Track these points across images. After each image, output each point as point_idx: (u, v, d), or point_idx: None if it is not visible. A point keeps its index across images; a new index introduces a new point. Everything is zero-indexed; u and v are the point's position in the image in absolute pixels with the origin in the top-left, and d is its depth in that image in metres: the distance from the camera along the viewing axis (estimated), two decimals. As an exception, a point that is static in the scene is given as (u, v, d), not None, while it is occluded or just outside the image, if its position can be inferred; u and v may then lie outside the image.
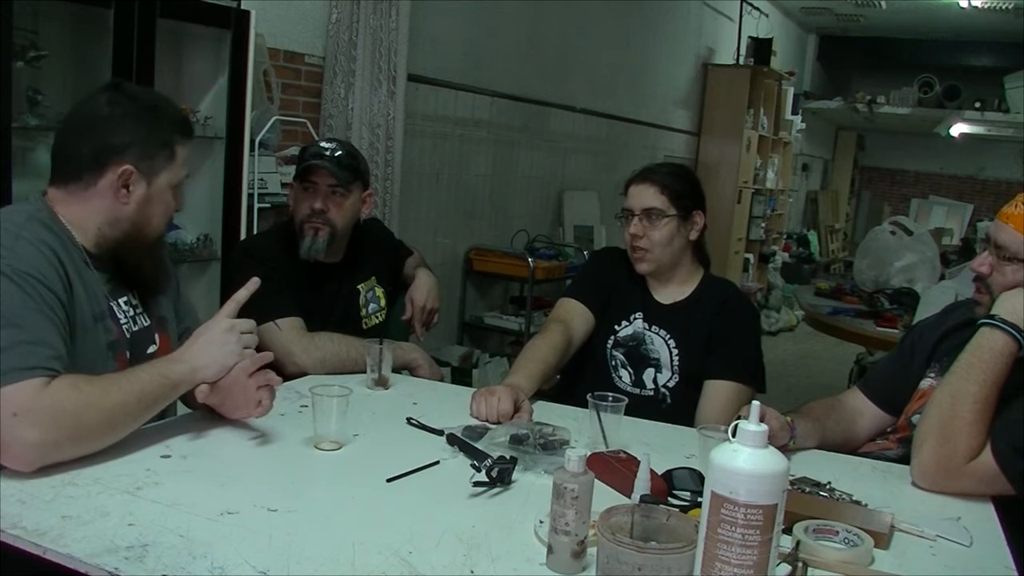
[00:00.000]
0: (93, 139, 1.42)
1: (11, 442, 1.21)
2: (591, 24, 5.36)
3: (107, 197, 1.43)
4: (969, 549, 1.25)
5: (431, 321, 2.25)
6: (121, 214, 1.45)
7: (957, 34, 9.16)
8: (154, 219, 1.49)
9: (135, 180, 1.44)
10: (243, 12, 2.64)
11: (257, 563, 1.04)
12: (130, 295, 1.54)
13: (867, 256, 4.67)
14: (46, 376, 1.24)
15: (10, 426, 1.20)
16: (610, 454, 1.45)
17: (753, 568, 0.97)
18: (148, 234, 1.50)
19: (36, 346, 1.25)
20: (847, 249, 11.37)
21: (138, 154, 1.43)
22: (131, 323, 1.51)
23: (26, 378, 1.22)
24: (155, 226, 1.51)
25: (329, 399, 1.45)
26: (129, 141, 1.42)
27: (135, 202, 1.45)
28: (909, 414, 1.68)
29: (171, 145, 1.47)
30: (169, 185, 1.49)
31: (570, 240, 5.12)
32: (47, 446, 1.23)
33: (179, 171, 1.50)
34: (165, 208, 1.51)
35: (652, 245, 1.98)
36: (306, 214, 2.05)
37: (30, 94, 2.18)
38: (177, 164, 1.49)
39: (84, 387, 1.28)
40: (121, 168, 1.42)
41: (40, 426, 1.22)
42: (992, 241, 1.55)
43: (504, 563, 1.10)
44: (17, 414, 1.20)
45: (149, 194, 1.46)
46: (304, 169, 2.06)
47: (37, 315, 1.28)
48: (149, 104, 1.47)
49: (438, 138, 4.15)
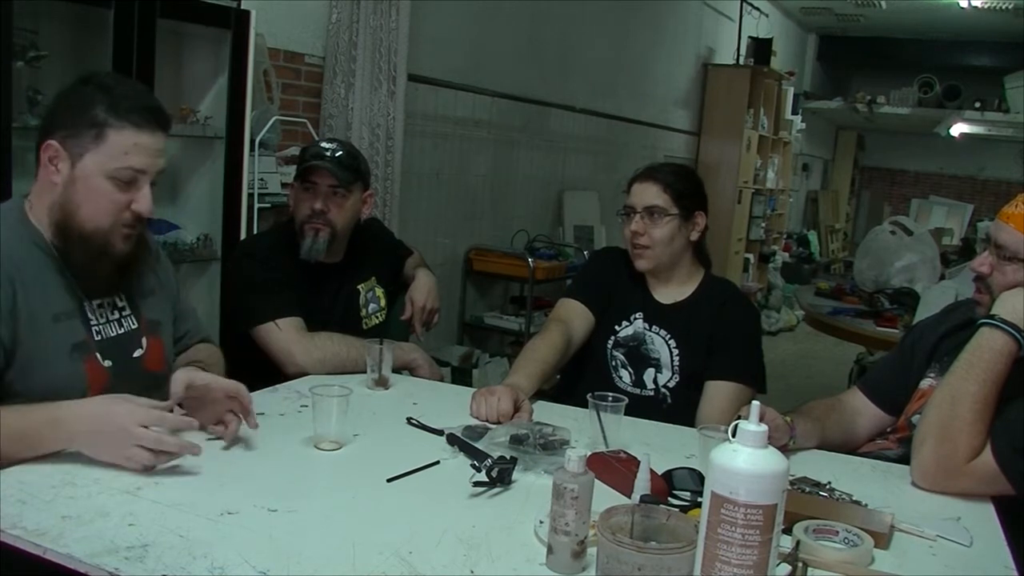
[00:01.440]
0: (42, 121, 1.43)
1: None
2: (591, 24, 5.36)
3: (44, 179, 1.42)
4: (969, 549, 1.25)
5: (431, 321, 2.25)
6: (54, 196, 1.41)
7: (957, 34, 9.15)
8: (82, 206, 1.39)
9: (62, 158, 1.39)
10: (243, 12, 2.63)
11: (257, 563, 1.04)
12: (115, 297, 1.51)
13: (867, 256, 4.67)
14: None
15: None
16: (610, 454, 1.45)
17: (753, 568, 0.96)
18: (79, 223, 1.40)
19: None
20: (847, 249, 11.37)
21: (64, 131, 1.38)
22: (108, 326, 1.49)
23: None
24: (85, 215, 1.40)
25: (329, 399, 1.45)
26: (60, 120, 1.40)
27: (62, 183, 1.39)
28: (909, 414, 1.68)
29: (101, 125, 1.37)
30: (101, 171, 1.38)
31: (570, 240, 5.12)
32: None
33: (113, 158, 1.38)
34: (96, 197, 1.39)
35: (653, 243, 1.98)
36: (307, 214, 2.05)
37: (30, 94, 2.18)
38: (109, 148, 1.37)
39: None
40: (46, 143, 1.39)
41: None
42: (992, 241, 1.55)
43: (504, 563, 1.10)
44: None
45: (73, 175, 1.39)
46: (305, 169, 2.06)
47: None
48: (101, 86, 1.40)
49: (438, 138, 4.15)
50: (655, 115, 6.44)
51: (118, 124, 1.38)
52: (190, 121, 2.62)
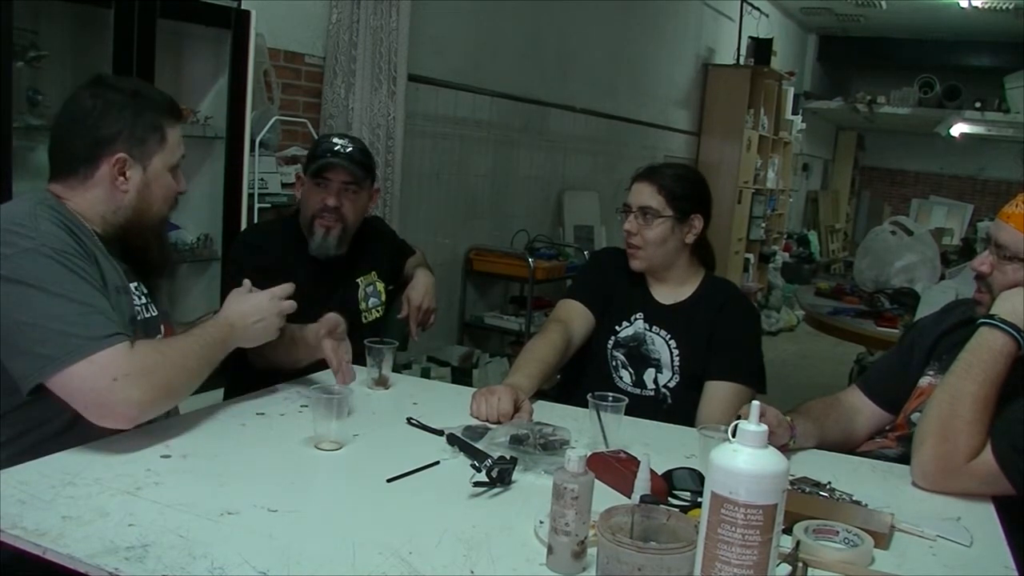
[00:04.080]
0: (83, 133, 1.45)
1: (116, 403, 1.30)
2: (591, 24, 5.36)
3: (105, 187, 1.46)
4: (969, 549, 1.25)
5: (427, 321, 2.25)
6: (122, 202, 1.48)
7: (957, 34, 9.16)
8: (155, 203, 1.52)
9: (130, 167, 1.47)
10: (243, 12, 2.64)
11: (257, 563, 1.04)
12: (139, 283, 1.56)
13: (867, 256, 4.67)
14: (127, 340, 1.33)
15: (113, 389, 1.29)
16: (610, 454, 1.44)
17: (753, 568, 0.96)
18: (152, 217, 1.53)
19: (103, 315, 1.33)
20: (847, 249, 11.37)
21: (129, 141, 1.46)
22: (142, 309, 1.54)
23: (115, 343, 1.30)
24: (158, 209, 1.54)
25: (329, 399, 1.45)
26: (118, 130, 1.45)
27: (134, 188, 1.48)
28: (908, 412, 1.68)
29: (160, 128, 1.49)
30: (166, 167, 1.52)
31: (570, 240, 5.12)
32: (146, 404, 1.34)
33: (173, 152, 1.52)
34: (165, 190, 1.53)
35: (645, 243, 1.99)
36: (318, 208, 2.06)
37: (30, 94, 2.19)
38: (170, 145, 1.51)
39: (165, 349, 1.41)
40: (115, 157, 1.45)
41: (139, 386, 1.32)
42: (993, 240, 1.55)
43: (504, 563, 1.10)
44: (118, 378, 1.29)
45: (146, 179, 1.49)
46: (321, 166, 2.06)
47: (88, 287, 1.34)
48: (131, 91, 1.49)
49: (438, 138, 4.15)
50: (655, 115, 6.44)
51: (169, 123, 1.52)
52: (190, 121, 2.62)
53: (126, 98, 1.47)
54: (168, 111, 1.52)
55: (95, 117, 1.45)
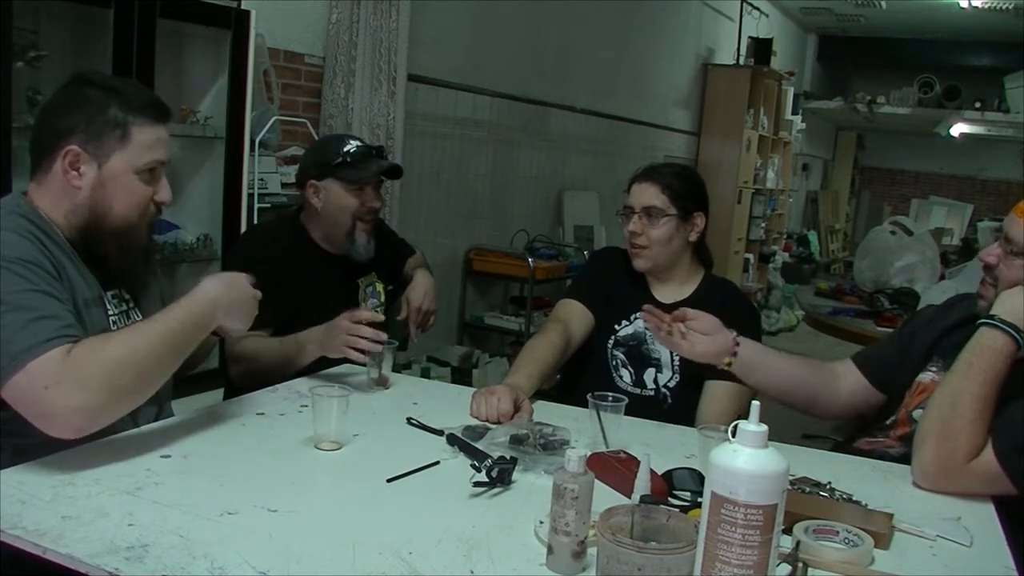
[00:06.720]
0: (46, 125, 1.43)
1: (55, 413, 1.23)
2: (591, 24, 5.36)
3: (60, 182, 1.41)
4: (969, 549, 1.25)
5: (426, 323, 2.25)
6: (77, 199, 1.41)
7: (957, 34, 9.16)
8: (114, 205, 1.43)
9: (84, 162, 1.40)
10: (243, 12, 2.63)
11: (257, 563, 1.04)
12: (122, 289, 1.53)
13: (867, 256, 4.67)
14: (65, 344, 1.25)
15: (48, 399, 1.23)
16: (610, 454, 1.44)
17: (753, 568, 0.96)
18: (112, 221, 1.43)
19: (45, 320, 1.26)
20: (847, 249, 11.37)
21: (84, 135, 1.40)
22: (121, 317, 1.50)
23: (45, 351, 1.23)
24: (118, 213, 1.44)
25: (329, 399, 1.45)
26: (75, 123, 1.40)
27: (88, 186, 1.41)
28: (910, 408, 1.68)
29: (123, 125, 1.40)
30: (129, 168, 1.42)
31: (570, 240, 5.12)
32: (92, 411, 1.25)
33: (141, 154, 1.43)
34: (128, 194, 1.44)
35: (650, 243, 1.99)
36: (364, 211, 2.08)
37: (30, 94, 2.18)
38: (135, 145, 1.42)
39: (105, 346, 1.29)
40: (65, 149, 1.39)
41: (76, 394, 1.23)
42: (1004, 234, 1.56)
43: (504, 563, 1.10)
44: (49, 387, 1.22)
45: (102, 177, 1.41)
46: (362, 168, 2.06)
47: (37, 295, 1.29)
48: (107, 87, 1.43)
49: (438, 138, 4.15)
50: (655, 115, 6.43)
51: (139, 121, 1.42)
52: (190, 121, 2.62)
53: (96, 92, 1.41)
54: (143, 110, 1.43)
55: (58, 108, 1.42)
